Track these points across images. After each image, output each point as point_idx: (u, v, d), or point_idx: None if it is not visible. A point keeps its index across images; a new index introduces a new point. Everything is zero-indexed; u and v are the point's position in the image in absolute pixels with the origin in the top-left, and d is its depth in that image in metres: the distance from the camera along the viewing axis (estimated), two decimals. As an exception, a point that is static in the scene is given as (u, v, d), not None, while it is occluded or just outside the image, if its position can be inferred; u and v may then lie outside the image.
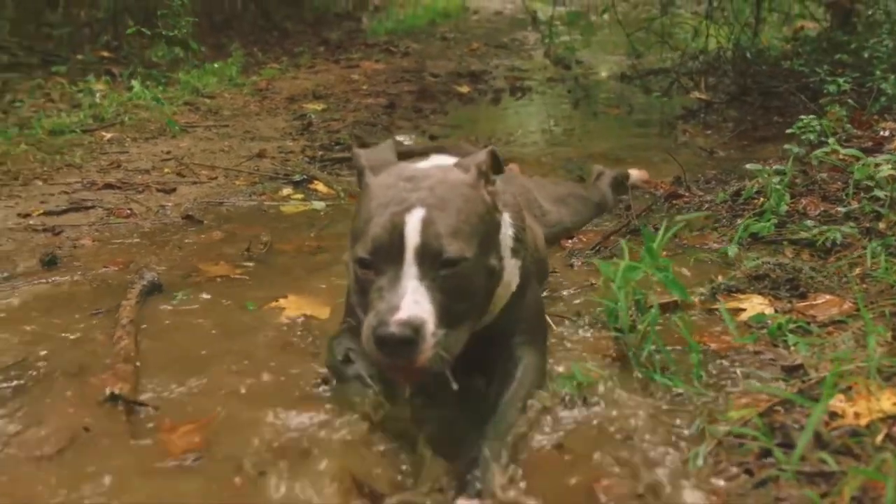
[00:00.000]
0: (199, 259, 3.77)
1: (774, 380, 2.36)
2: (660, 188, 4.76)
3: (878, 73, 5.62)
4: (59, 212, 4.51)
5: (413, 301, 2.02)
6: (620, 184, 4.77)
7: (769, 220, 3.59)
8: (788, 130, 4.52)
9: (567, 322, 2.94)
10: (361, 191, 2.37)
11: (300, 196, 4.94)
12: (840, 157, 4.02)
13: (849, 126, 4.80)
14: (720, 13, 7.96)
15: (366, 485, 2.01)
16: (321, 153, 6.03)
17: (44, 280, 3.52)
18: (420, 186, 2.20)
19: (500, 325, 2.48)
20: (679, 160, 5.02)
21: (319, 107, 7.87)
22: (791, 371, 2.38)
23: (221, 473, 2.09)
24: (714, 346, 2.60)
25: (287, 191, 5.03)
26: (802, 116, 4.58)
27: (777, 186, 3.74)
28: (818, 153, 4.03)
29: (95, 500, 2.01)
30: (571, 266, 3.56)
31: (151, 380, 2.60)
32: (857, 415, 2.05)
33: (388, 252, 2.10)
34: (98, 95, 7.34)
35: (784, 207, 3.68)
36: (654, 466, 2.02)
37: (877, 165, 3.72)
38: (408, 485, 2.04)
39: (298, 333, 2.94)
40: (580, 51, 11.35)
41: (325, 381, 2.51)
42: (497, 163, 2.37)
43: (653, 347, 2.51)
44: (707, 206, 4.11)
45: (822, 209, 3.69)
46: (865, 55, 6.12)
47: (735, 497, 1.88)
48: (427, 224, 2.10)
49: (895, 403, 2.07)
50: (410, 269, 2.07)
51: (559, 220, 3.85)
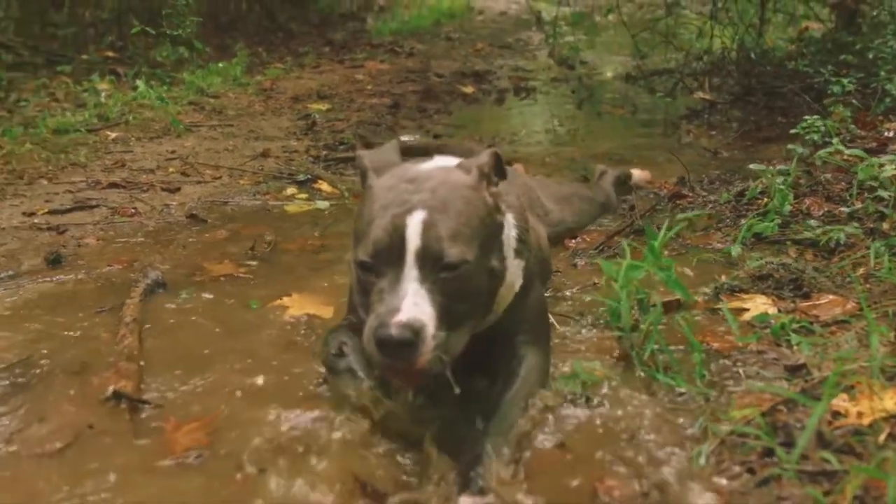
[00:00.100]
0: (203, 258, 3.78)
1: (777, 379, 2.35)
2: (663, 188, 4.76)
3: (883, 74, 5.61)
4: (64, 211, 4.52)
5: (413, 303, 2.03)
6: (623, 183, 4.77)
7: (773, 221, 3.59)
8: (792, 130, 4.52)
9: (570, 322, 2.94)
10: (364, 192, 2.37)
11: (304, 195, 4.94)
12: (844, 158, 4.02)
13: (853, 127, 4.79)
14: (725, 14, 7.94)
15: (368, 484, 2.01)
16: (325, 153, 6.05)
17: (48, 278, 3.53)
18: (422, 188, 2.20)
19: (504, 326, 2.49)
20: (683, 160, 5.01)
21: (324, 107, 7.88)
22: (794, 370, 2.38)
23: (224, 471, 2.09)
24: (717, 346, 2.60)
25: (291, 190, 5.04)
26: (806, 117, 4.58)
27: (781, 186, 3.74)
28: (822, 153, 4.03)
29: (98, 497, 2.02)
30: (575, 266, 3.56)
31: (155, 378, 2.61)
32: (860, 414, 2.04)
33: (389, 255, 2.10)
34: (103, 95, 7.35)
35: (788, 207, 3.68)
36: (657, 466, 2.02)
37: (881, 166, 3.72)
38: (411, 483, 2.05)
39: (302, 332, 2.95)
40: (585, 51, 11.33)
41: (326, 381, 2.52)
42: (500, 165, 2.37)
43: (656, 347, 2.51)
44: (711, 207, 4.10)
45: (826, 209, 3.68)
46: (870, 56, 6.10)
47: (737, 496, 1.88)
48: (428, 227, 2.11)
49: (898, 403, 2.07)
50: (411, 272, 2.08)
51: (562, 220, 3.85)
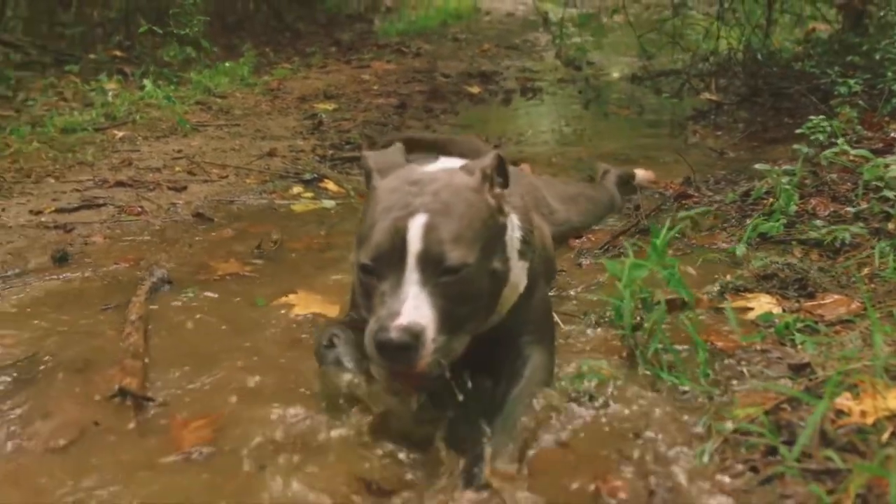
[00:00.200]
0: (209, 256, 3.80)
1: (781, 378, 2.35)
2: (669, 188, 4.75)
3: (890, 75, 5.59)
4: (71, 209, 4.54)
5: (413, 307, 2.04)
6: (626, 182, 4.78)
7: (778, 221, 3.58)
8: (798, 131, 4.51)
9: (574, 321, 2.94)
10: (368, 194, 2.38)
11: (310, 194, 4.95)
12: (850, 158, 4.02)
13: (859, 128, 4.78)
14: (731, 14, 7.94)
15: (373, 482, 2.02)
16: (331, 152, 6.06)
17: (55, 276, 3.55)
18: (424, 191, 2.21)
19: (508, 326, 2.49)
20: (689, 161, 5.02)
21: (330, 106, 7.89)
22: (798, 369, 2.37)
23: (229, 468, 2.10)
24: (721, 345, 2.60)
25: (297, 189, 5.05)
26: (812, 117, 4.57)
27: (786, 187, 3.74)
28: (828, 153, 4.03)
29: (102, 493, 2.03)
30: (580, 265, 3.56)
31: (160, 375, 2.62)
32: (864, 413, 2.04)
33: (391, 258, 2.11)
34: (110, 94, 7.37)
35: (793, 207, 3.67)
36: (661, 464, 2.02)
37: (886, 166, 3.71)
38: (415, 481, 2.05)
39: (307, 331, 2.95)
40: (591, 52, 11.34)
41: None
42: (503, 167, 2.37)
43: (660, 346, 2.51)
44: (716, 207, 4.10)
45: (832, 210, 3.68)
46: (877, 57, 6.08)
47: (741, 494, 1.89)
48: (429, 230, 2.11)
49: (902, 402, 2.06)
50: (412, 276, 2.09)
51: (567, 219, 3.85)
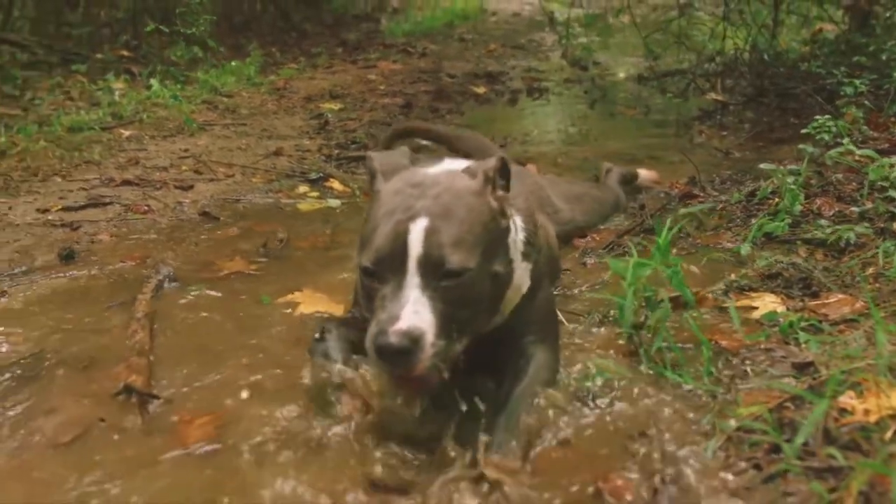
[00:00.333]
0: (215, 255, 3.80)
1: (785, 377, 2.35)
2: (675, 188, 4.75)
3: (896, 76, 5.59)
4: (78, 207, 4.56)
5: (413, 311, 2.05)
6: (629, 182, 4.79)
7: (783, 220, 3.58)
8: (803, 131, 4.51)
9: (579, 320, 2.94)
10: (372, 196, 2.39)
11: (316, 194, 4.97)
12: (856, 158, 4.01)
13: (865, 128, 4.77)
14: (738, 15, 7.92)
15: (379, 479, 2.02)
16: (337, 152, 6.07)
17: (61, 274, 3.56)
18: (426, 194, 2.22)
19: (511, 326, 2.50)
20: (694, 161, 5.01)
21: (336, 106, 7.91)
22: (801, 368, 2.38)
23: (233, 466, 2.11)
24: (725, 344, 2.60)
25: (303, 188, 5.07)
26: (817, 117, 4.57)
27: (791, 186, 3.73)
28: (832, 153, 4.03)
29: (106, 488, 2.04)
30: (584, 264, 3.56)
31: (165, 373, 2.63)
32: (867, 411, 2.04)
33: (392, 261, 2.12)
34: (117, 94, 7.39)
35: (798, 207, 3.67)
36: (664, 463, 2.02)
37: (892, 166, 3.72)
38: (420, 479, 2.04)
39: (312, 329, 2.95)
40: (598, 52, 11.33)
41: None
42: (505, 170, 2.37)
43: (664, 344, 2.52)
44: (722, 206, 4.10)
45: (837, 209, 3.67)
46: (883, 57, 6.07)
47: (744, 491, 1.89)
48: (430, 234, 2.12)
49: (905, 401, 2.07)
50: (413, 279, 2.10)
51: (572, 219, 3.84)
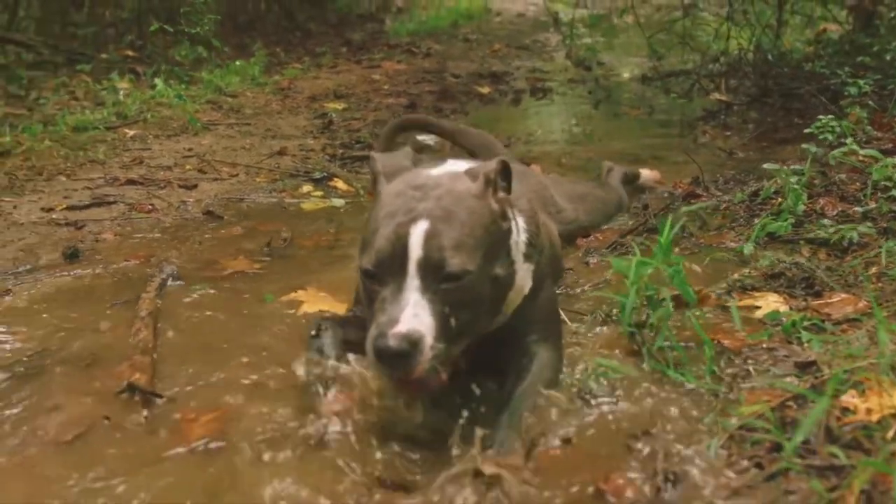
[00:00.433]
0: (219, 254, 3.81)
1: (787, 376, 2.35)
2: (678, 188, 4.75)
3: (900, 76, 5.59)
4: (82, 206, 4.58)
5: (413, 315, 2.06)
6: (631, 181, 4.81)
7: (786, 220, 3.58)
8: (806, 130, 4.50)
9: (581, 319, 2.95)
10: (374, 198, 2.40)
11: (320, 193, 4.97)
12: (859, 158, 4.01)
13: (869, 128, 4.77)
14: (742, 15, 7.92)
15: (381, 477, 2.02)
16: (341, 151, 6.07)
17: (66, 273, 3.58)
18: (428, 196, 2.22)
19: (513, 325, 2.50)
20: (698, 161, 4.99)
21: (340, 106, 7.91)
22: (804, 367, 2.38)
23: (235, 464, 2.11)
24: (728, 343, 2.59)
25: (307, 188, 5.07)
26: (821, 116, 4.56)
27: (795, 186, 3.73)
28: (836, 153, 4.02)
29: (107, 486, 2.05)
30: (587, 264, 3.56)
31: (169, 371, 2.64)
32: (869, 410, 2.05)
33: (392, 264, 2.13)
34: (122, 93, 7.40)
35: (801, 207, 3.66)
36: (667, 462, 2.01)
37: (895, 166, 3.71)
38: (425, 476, 2.05)
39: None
40: (602, 53, 11.32)
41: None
42: (507, 172, 2.37)
43: (666, 343, 2.52)
44: (725, 206, 4.10)
45: (840, 209, 3.66)
46: (887, 58, 6.07)
47: (746, 490, 1.89)
48: (430, 237, 2.13)
49: (906, 400, 2.07)
50: (413, 282, 2.10)
51: (575, 218, 3.84)
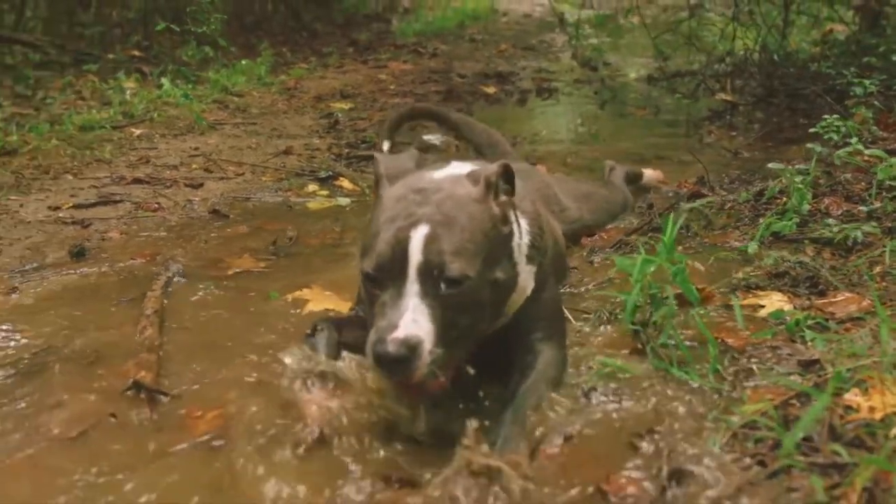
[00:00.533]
0: (225, 252, 3.83)
1: (791, 374, 2.35)
2: (684, 188, 4.75)
3: (906, 76, 5.58)
4: (88, 205, 4.59)
5: (412, 320, 2.06)
6: (633, 180, 4.81)
7: (791, 219, 3.58)
8: (811, 130, 4.50)
9: (585, 317, 2.95)
10: (376, 201, 2.40)
11: (325, 192, 4.98)
12: (864, 158, 4.01)
13: (874, 128, 4.76)
14: (748, 16, 7.91)
15: (392, 473, 2.03)
16: (347, 151, 6.09)
17: (72, 271, 3.59)
18: (429, 200, 2.22)
19: (516, 325, 2.51)
20: (703, 160, 5.00)
21: (346, 106, 7.93)
22: (807, 366, 2.38)
23: (239, 462, 2.10)
24: (731, 341, 2.59)
25: (313, 187, 5.08)
26: (826, 116, 4.56)
27: (799, 186, 3.73)
28: (841, 153, 4.02)
29: (111, 481, 2.06)
30: (591, 263, 3.56)
31: (174, 368, 2.65)
32: (872, 409, 2.05)
33: (392, 268, 2.13)
34: (128, 93, 7.42)
35: (806, 206, 3.66)
36: (670, 460, 2.01)
37: (900, 166, 3.72)
38: (423, 475, 2.05)
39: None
40: (608, 53, 11.31)
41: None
42: (509, 175, 2.37)
43: (670, 341, 2.52)
44: (730, 205, 4.10)
45: (845, 209, 3.66)
46: (894, 58, 6.06)
47: (748, 487, 1.89)
48: (430, 242, 2.13)
49: (909, 398, 2.07)
50: (412, 287, 2.11)
51: (580, 217, 3.84)
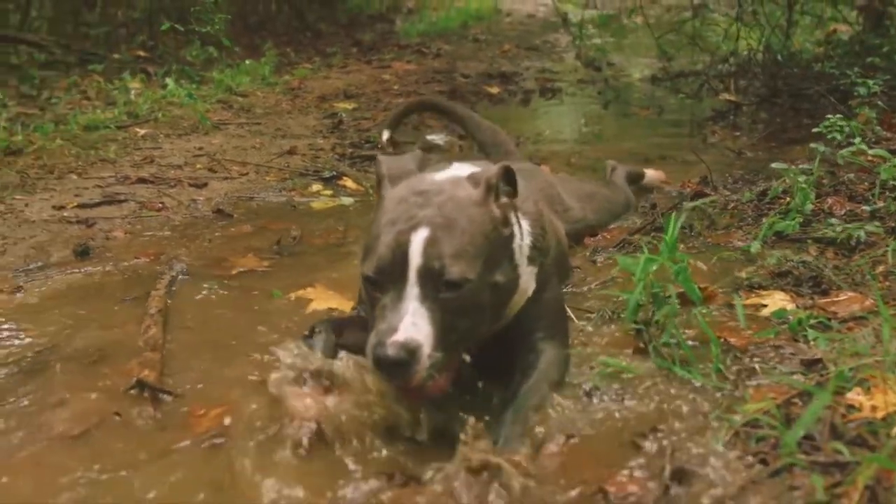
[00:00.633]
0: (229, 252, 3.83)
1: (793, 373, 2.35)
2: (687, 188, 4.75)
3: (910, 76, 5.58)
4: (93, 204, 4.60)
5: (411, 323, 2.07)
6: (635, 180, 4.82)
7: (794, 219, 3.58)
8: (814, 130, 4.50)
9: (587, 316, 2.95)
10: (377, 203, 2.41)
11: (329, 192, 5.00)
12: (868, 158, 4.01)
13: (878, 128, 4.76)
14: (751, 16, 7.90)
15: (393, 472, 2.02)
16: (351, 150, 6.09)
17: (76, 270, 3.60)
18: (429, 203, 2.23)
19: (518, 325, 2.51)
20: (706, 160, 4.99)
21: (350, 106, 7.93)
22: (810, 365, 2.38)
23: (241, 461, 2.09)
24: (734, 341, 2.59)
25: (316, 187, 5.09)
26: (829, 116, 4.56)
27: (803, 185, 3.73)
28: (844, 152, 4.02)
29: (113, 480, 2.06)
30: (594, 262, 3.56)
31: (178, 367, 2.66)
32: (874, 408, 2.05)
33: (392, 271, 2.14)
34: (133, 93, 7.43)
35: (809, 206, 3.66)
36: (669, 460, 2.01)
37: (903, 165, 3.72)
38: (424, 473, 2.05)
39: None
40: (611, 53, 11.32)
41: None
42: (510, 176, 2.38)
43: (672, 340, 2.53)
44: (733, 205, 4.10)
45: (848, 209, 3.66)
46: (897, 58, 6.08)
47: (751, 485, 1.90)
48: (430, 245, 2.13)
49: (911, 397, 2.07)
50: (412, 290, 2.11)
51: (583, 217, 3.84)
